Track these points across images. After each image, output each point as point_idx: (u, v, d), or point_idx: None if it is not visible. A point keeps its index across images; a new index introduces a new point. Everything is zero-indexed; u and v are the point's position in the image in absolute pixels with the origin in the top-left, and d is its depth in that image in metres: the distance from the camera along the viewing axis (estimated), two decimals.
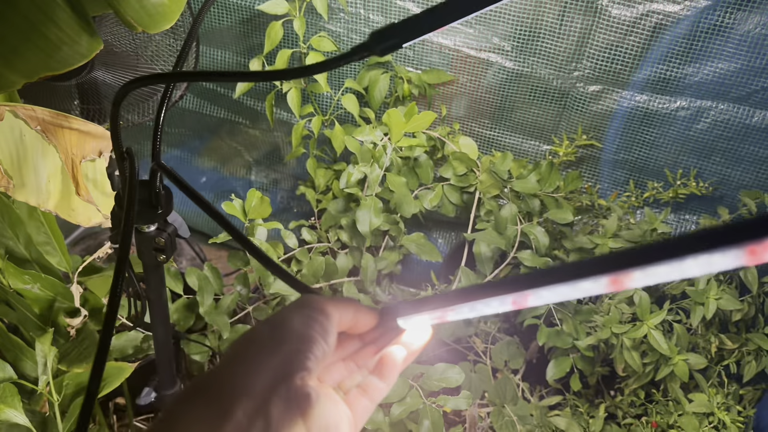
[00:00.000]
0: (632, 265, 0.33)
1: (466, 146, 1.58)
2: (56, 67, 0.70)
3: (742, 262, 0.30)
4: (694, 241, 0.31)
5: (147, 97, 1.68)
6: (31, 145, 0.92)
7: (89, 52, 0.70)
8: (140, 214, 0.77)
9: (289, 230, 1.49)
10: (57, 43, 0.68)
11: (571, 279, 0.36)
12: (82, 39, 0.69)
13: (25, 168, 0.92)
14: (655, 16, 1.47)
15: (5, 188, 0.90)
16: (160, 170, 0.72)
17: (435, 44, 1.65)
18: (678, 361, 1.26)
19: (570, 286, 0.36)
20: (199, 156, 2.22)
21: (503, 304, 0.41)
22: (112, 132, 0.68)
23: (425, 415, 1.09)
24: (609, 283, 0.35)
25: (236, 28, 1.79)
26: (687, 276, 0.33)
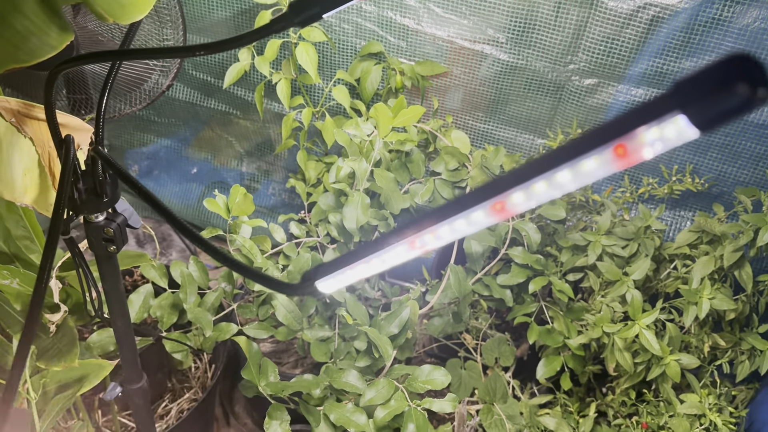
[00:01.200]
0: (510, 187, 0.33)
1: (458, 140, 1.55)
2: (24, 59, 0.67)
3: (614, 165, 0.28)
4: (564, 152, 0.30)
5: (135, 86, 1.65)
6: (5, 137, 0.89)
7: (59, 44, 0.68)
8: (86, 203, 0.75)
9: (278, 224, 1.46)
10: (25, 34, 0.65)
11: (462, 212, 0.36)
12: (51, 30, 0.66)
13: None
14: (652, 9, 1.44)
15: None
16: (99, 158, 0.70)
17: (429, 35, 1.62)
18: (670, 362, 1.24)
19: (464, 219, 0.37)
20: (189, 147, 2.19)
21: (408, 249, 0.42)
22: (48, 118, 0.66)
23: (410, 419, 1.07)
24: (493, 210, 0.35)
25: (226, 17, 1.76)
26: (567, 190, 0.31)
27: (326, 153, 1.78)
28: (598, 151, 0.28)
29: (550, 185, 0.30)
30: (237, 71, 1.63)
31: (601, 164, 0.28)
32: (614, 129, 0.27)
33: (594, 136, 0.28)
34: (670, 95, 0.26)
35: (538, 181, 0.30)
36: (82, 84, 1.58)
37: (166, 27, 1.51)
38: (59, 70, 0.65)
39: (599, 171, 0.29)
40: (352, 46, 1.70)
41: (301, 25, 0.53)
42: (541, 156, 0.30)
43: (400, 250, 0.41)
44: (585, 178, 0.29)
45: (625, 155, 0.27)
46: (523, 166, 0.31)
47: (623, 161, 0.28)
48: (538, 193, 0.31)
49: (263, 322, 1.30)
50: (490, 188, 0.33)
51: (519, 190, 0.32)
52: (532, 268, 1.39)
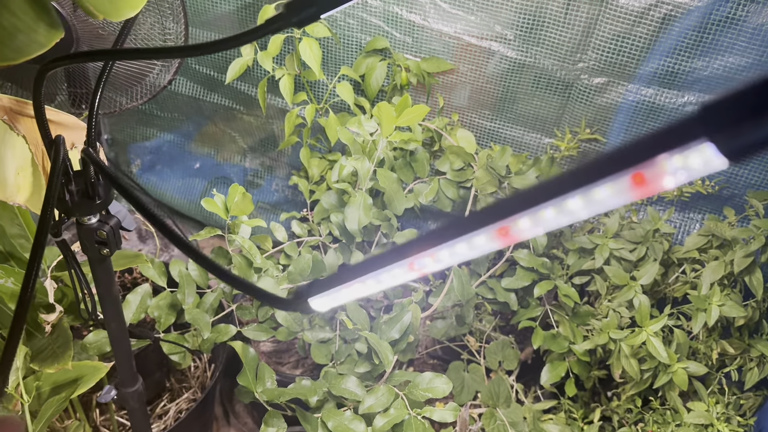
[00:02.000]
0: (517, 212, 0.30)
1: (464, 139, 1.52)
2: (11, 56, 0.64)
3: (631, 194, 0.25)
4: (576, 177, 0.27)
5: (137, 80, 1.63)
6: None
7: (48, 41, 0.65)
8: (78, 205, 0.73)
9: (280, 223, 1.44)
10: (11, 30, 0.63)
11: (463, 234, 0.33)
12: (39, 27, 0.64)
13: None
14: (664, 7, 1.40)
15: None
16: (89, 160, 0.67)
17: (435, 31, 1.59)
18: (677, 369, 1.21)
19: (465, 243, 0.34)
20: (192, 141, 2.17)
21: (407, 271, 0.40)
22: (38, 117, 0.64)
23: (410, 428, 1.05)
24: (498, 235, 0.32)
25: (230, 11, 1.73)
26: (577, 218, 0.28)
27: (330, 150, 1.75)
28: (613, 178, 0.25)
29: (559, 211, 0.28)
30: (240, 66, 1.60)
31: (616, 192, 0.25)
32: (633, 155, 0.24)
33: (610, 161, 0.25)
34: (696, 120, 0.23)
35: (547, 207, 0.28)
36: (83, 78, 1.56)
37: (167, 20, 1.48)
38: (47, 68, 0.63)
39: (613, 200, 0.26)
40: (357, 41, 1.67)
41: (299, 25, 0.51)
42: (552, 179, 0.27)
43: (398, 271, 0.39)
44: (597, 207, 0.27)
45: (643, 184, 0.25)
46: (532, 189, 0.28)
47: (641, 190, 0.25)
48: (547, 220, 0.28)
49: (262, 323, 1.28)
50: (496, 211, 0.30)
51: (526, 215, 0.29)
52: (537, 272, 1.37)
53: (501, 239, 0.31)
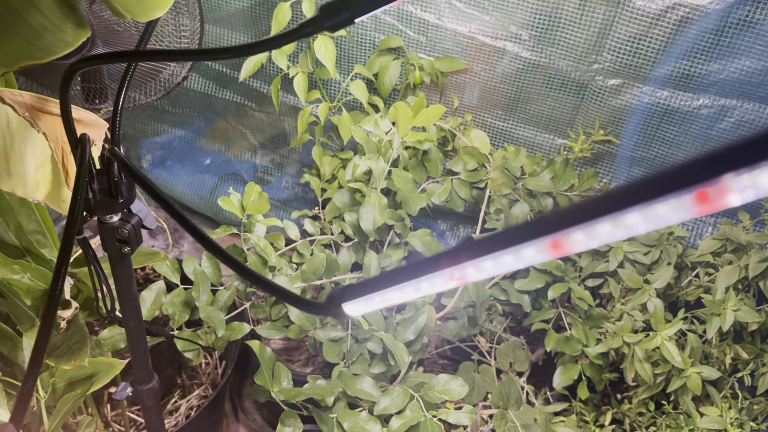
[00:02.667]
0: (570, 225, 0.29)
1: (477, 139, 1.52)
2: (38, 55, 0.64)
3: (693, 211, 0.25)
4: (637, 191, 0.26)
5: (151, 76, 1.62)
6: (18, 132, 0.87)
7: (75, 40, 0.65)
8: (100, 204, 0.73)
9: (292, 221, 1.44)
10: (39, 30, 0.63)
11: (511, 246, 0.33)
12: (66, 26, 0.64)
13: (11, 157, 0.87)
14: (681, 9, 1.40)
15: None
16: (115, 159, 0.67)
17: (449, 31, 1.58)
18: (691, 374, 1.21)
19: (512, 254, 0.33)
20: (203, 137, 2.17)
21: (447, 280, 0.39)
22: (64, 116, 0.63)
23: (426, 430, 1.05)
24: (550, 248, 0.31)
25: (244, 8, 1.73)
26: (634, 233, 0.28)
27: (342, 148, 1.75)
28: (676, 195, 0.25)
29: (615, 226, 0.28)
30: (254, 64, 1.60)
31: (678, 209, 0.25)
32: (698, 172, 0.24)
33: (674, 176, 0.25)
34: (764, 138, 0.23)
35: (603, 222, 0.28)
36: (97, 74, 1.56)
37: (182, 17, 1.48)
38: (75, 69, 0.63)
39: (674, 216, 0.26)
40: (370, 40, 1.66)
41: (332, 29, 0.50)
42: (610, 192, 0.27)
43: (438, 280, 0.38)
44: (657, 222, 0.26)
45: (707, 201, 0.24)
46: (588, 202, 0.28)
47: (704, 207, 0.25)
48: (602, 234, 0.28)
49: (276, 321, 1.28)
50: (548, 223, 0.30)
51: (580, 229, 0.29)
52: (551, 274, 1.36)
53: (552, 252, 0.31)
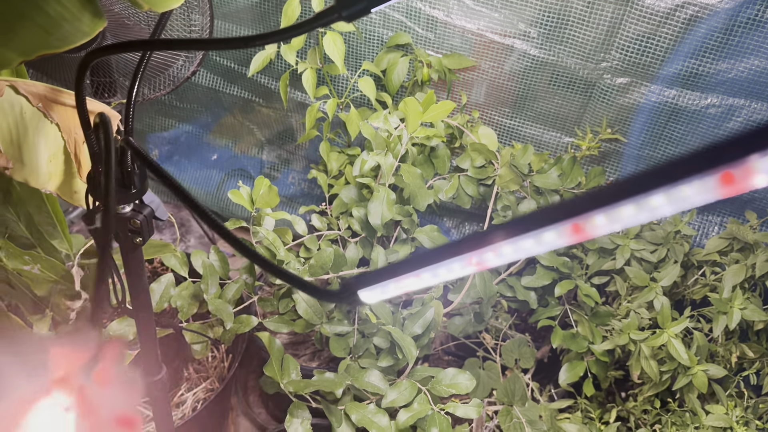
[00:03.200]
0: (593, 208, 0.29)
1: (485, 136, 1.52)
2: (56, 45, 0.65)
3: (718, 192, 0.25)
4: (660, 174, 0.27)
5: (160, 71, 1.63)
6: (31, 123, 0.88)
7: (91, 30, 0.65)
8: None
9: (299, 216, 1.44)
10: (57, 19, 0.63)
11: (531, 230, 0.33)
12: (84, 16, 0.64)
13: (25, 147, 0.88)
14: (690, 8, 1.40)
15: (4, 168, 0.86)
16: (129, 149, 0.68)
17: (458, 28, 1.58)
18: (697, 372, 1.21)
19: (532, 238, 0.33)
20: (210, 133, 2.17)
21: (465, 265, 0.39)
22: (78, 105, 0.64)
23: (433, 423, 1.05)
24: (571, 232, 0.32)
25: (252, 3, 1.74)
26: (657, 216, 0.28)
27: (349, 144, 1.75)
28: (701, 177, 0.25)
29: (639, 209, 0.28)
30: (263, 59, 1.61)
31: (703, 191, 0.26)
32: (723, 154, 0.24)
33: (699, 158, 0.25)
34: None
35: (627, 204, 0.28)
36: (106, 68, 1.57)
37: (193, 12, 1.49)
38: (92, 58, 0.63)
39: (699, 197, 0.26)
40: (379, 36, 1.67)
41: (348, 19, 0.51)
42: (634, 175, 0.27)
43: (456, 266, 0.39)
44: (681, 204, 0.27)
45: (732, 183, 0.25)
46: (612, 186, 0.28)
47: (729, 189, 0.25)
48: (625, 217, 0.29)
49: (283, 315, 1.29)
50: (570, 207, 0.30)
51: (603, 212, 0.29)
52: (558, 271, 1.37)
53: (574, 236, 0.31)
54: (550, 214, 0.31)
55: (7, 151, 0.86)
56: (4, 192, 1.06)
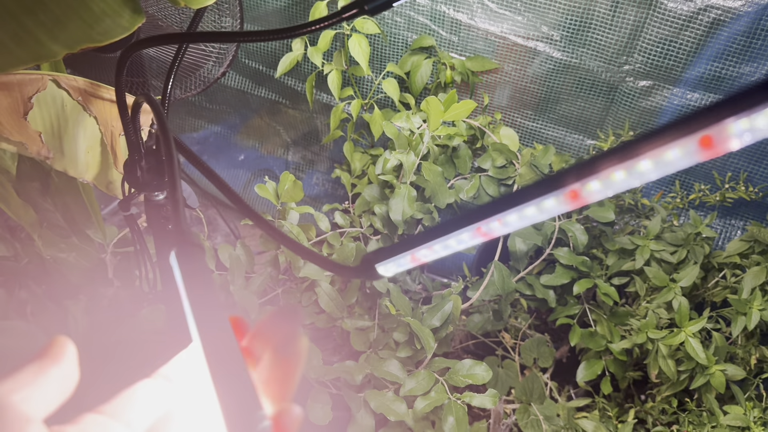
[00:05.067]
0: (588, 175, 0.32)
1: (506, 137, 1.54)
2: (98, 38, 0.69)
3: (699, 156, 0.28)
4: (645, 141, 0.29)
5: (191, 72, 1.69)
6: (71, 115, 0.93)
7: (131, 25, 0.70)
8: (148, 181, 0.77)
9: (323, 213, 1.48)
10: (99, 14, 0.67)
11: (533, 199, 0.35)
12: (124, 12, 0.68)
13: (65, 138, 0.93)
14: (713, 11, 1.41)
15: (45, 157, 0.90)
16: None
17: (481, 31, 1.61)
18: (715, 372, 1.22)
19: (534, 206, 0.36)
20: (238, 134, 2.23)
21: (473, 235, 0.41)
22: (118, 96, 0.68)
23: (449, 412, 1.07)
24: (569, 199, 0.34)
25: (281, 7, 1.78)
26: (646, 179, 0.31)
27: (372, 145, 1.79)
28: (682, 141, 0.28)
29: (630, 174, 0.30)
30: (290, 61, 1.65)
31: (685, 155, 0.28)
32: (701, 119, 0.27)
33: (679, 125, 0.28)
34: (763, 85, 0.25)
35: (618, 170, 0.31)
36: (140, 67, 1.62)
37: (224, 16, 1.54)
38: (133, 50, 0.67)
39: (682, 161, 0.28)
40: (403, 39, 1.70)
41: (372, 13, 0.54)
42: (622, 143, 0.30)
43: (465, 236, 0.41)
44: (667, 168, 0.29)
45: (710, 146, 0.27)
46: (602, 154, 0.31)
47: (708, 152, 0.27)
48: (617, 182, 0.31)
49: (306, 308, 1.32)
50: (566, 175, 0.33)
51: (596, 179, 0.32)
52: (577, 270, 1.38)
53: (571, 202, 0.34)
54: (549, 183, 0.34)
55: (48, 142, 0.91)
56: (43, 183, 1.11)
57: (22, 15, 0.64)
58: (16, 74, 0.86)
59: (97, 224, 1.17)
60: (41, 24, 0.65)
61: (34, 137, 0.89)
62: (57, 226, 1.14)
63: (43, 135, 0.90)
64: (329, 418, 1.10)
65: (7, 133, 0.86)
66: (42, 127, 0.89)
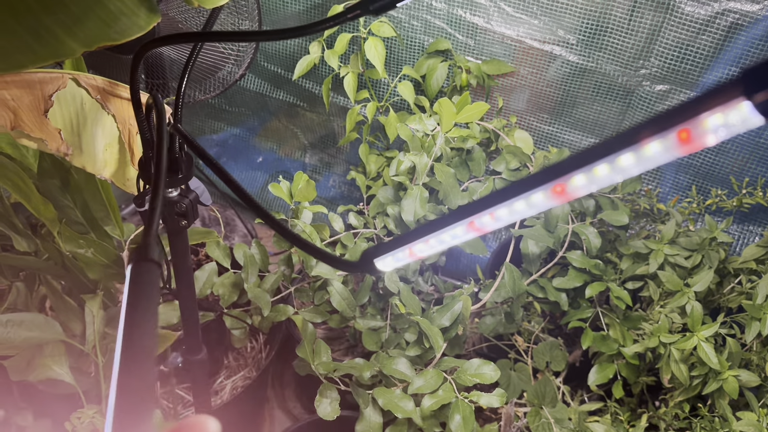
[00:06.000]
0: (572, 170, 0.33)
1: (521, 140, 1.54)
2: (115, 37, 0.71)
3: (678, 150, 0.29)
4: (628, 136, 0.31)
5: (210, 74, 1.71)
6: (90, 113, 0.95)
7: (147, 24, 0.72)
8: None
9: (337, 214, 1.50)
10: (116, 13, 0.70)
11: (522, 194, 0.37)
12: (140, 11, 0.71)
13: (84, 135, 0.95)
14: (731, 15, 1.40)
15: (64, 154, 0.93)
16: (179, 135, 0.73)
17: (497, 34, 1.62)
18: (728, 377, 1.21)
19: (523, 201, 0.37)
20: (257, 136, 2.26)
21: (467, 230, 0.42)
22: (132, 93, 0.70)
23: (457, 410, 1.08)
24: (554, 193, 0.35)
25: (299, 11, 1.81)
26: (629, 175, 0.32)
27: (387, 147, 1.80)
28: (661, 136, 0.28)
29: (612, 169, 0.31)
30: (307, 63, 1.67)
31: (665, 149, 0.29)
32: (678, 114, 0.28)
33: (658, 120, 0.28)
34: (735, 82, 0.26)
35: (600, 164, 0.31)
36: (160, 69, 1.66)
37: (243, 20, 1.56)
38: (146, 49, 0.69)
39: (663, 156, 0.29)
40: (419, 42, 1.71)
41: (376, 12, 0.55)
42: (604, 140, 0.31)
43: (459, 230, 0.42)
44: (648, 163, 0.30)
45: (688, 141, 0.28)
46: (586, 150, 0.32)
47: (687, 147, 0.28)
48: (600, 177, 0.32)
49: (318, 306, 1.34)
50: (551, 171, 0.34)
51: (580, 173, 0.32)
52: (590, 273, 1.38)
53: (558, 197, 0.35)
54: (537, 179, 0.35)
55: (67, 139, 0.93)
56: (63, 180, 1.14)
57: (42, 14, 0.66)
58: (37, 73, 0.89)
59: (115, 221, 1.20)
60: (61, 22, 0.67)
61: (54, 134, 0.92)
62: (76, 222, 1.17)
63: (62, 132, 0.92)
64: (337, 413, 1.12)
65: (29, 129, 0.89)
66: (62, 125, 0.92)
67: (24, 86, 0.89)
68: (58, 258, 1.19)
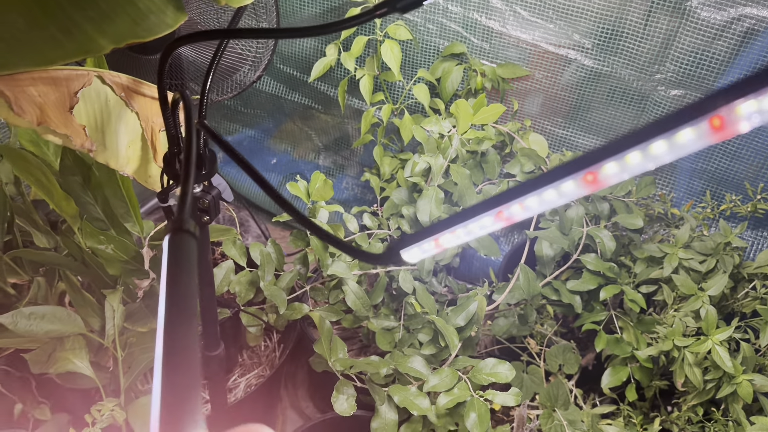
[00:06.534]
0: (604, 158, 0.34)
1: (535, 143, 1.55)
2: (142, 35, 0.73)
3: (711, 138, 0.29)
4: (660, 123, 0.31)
5: (227, 75, 1.73)
6: (114, 110, 0.97)
7: (174, 22, 0.73)
8: None
9: (352, 215, 1.51)
10: (145, 11, 0.71)
11: (552, 183, 0.37)
12: (168, 9, 0.72)
13: (107, 132, 0.97)
14: (747, 21, 1.40)
15: (88, 150, 0.95)
16: (204, 130, 0.75)
17: (513, 38, 1.63)
18: (742, 381, 1.20)
19: (553, 190, 0.37)
20: (271, 138, 2.27)
21: (495, 220, 0.43)
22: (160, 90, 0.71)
23: (472, 408, 1.08)
24: (586, 182, 0.36)
25: (317, 13, 1.82)
26: (660, 162, 0.32)
27: (402, 150, 1.81)
28: (694, 123, 0.29)
29: (644, 157, 0.32)
30: (323, 66, 1.69)
31: (698, 136, 0.30)
32: (711, 101, 0.28)
33: (691, 108, 0.29)
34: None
35: (632, 152, 0.32)
36: (179, 70, 1.68)
37: (262, 21, 1.58)
38: (173, 47, 0.71)
39: (695, 143, 0.30)
40: (435, 46, 1.72)
41: (403, 10, 0.56)
42: (636, 128, 0.32)
43: (486, 220, 0.43)
44: (680, 150, 0.31)
45: (721, 127, 0.29)
46: (617, 138, 0.33)
47: (720, 134, 0.29)
48: (632, 165, 0.33)
49: (333, 305, 1.35)
50: (583, 160, 0.35)
51: (612, 161, 0.33)
52: (604, 276, 1.38)
53: (589, 186, 0.36)
54: (567, 168, 0.36)
55: (91, 135, 0.95)
56: (84, 177, 1.16)
57: (71, 10, 0.68)
58: (63, 70, 0.91)
59: (135, 218, 1.21)
60: (90, 19, 0.69)
61: (79, 130, 0.94)
62: (96, 218, 1.19)
63: (87, 128, 0.94)
64: (353, 409, 1.12)
65: (54, 126, 0.90)
66: (86, 121, 0.93)
67: (50, 83, 0.90)
68: (78, 254, 1.20)
